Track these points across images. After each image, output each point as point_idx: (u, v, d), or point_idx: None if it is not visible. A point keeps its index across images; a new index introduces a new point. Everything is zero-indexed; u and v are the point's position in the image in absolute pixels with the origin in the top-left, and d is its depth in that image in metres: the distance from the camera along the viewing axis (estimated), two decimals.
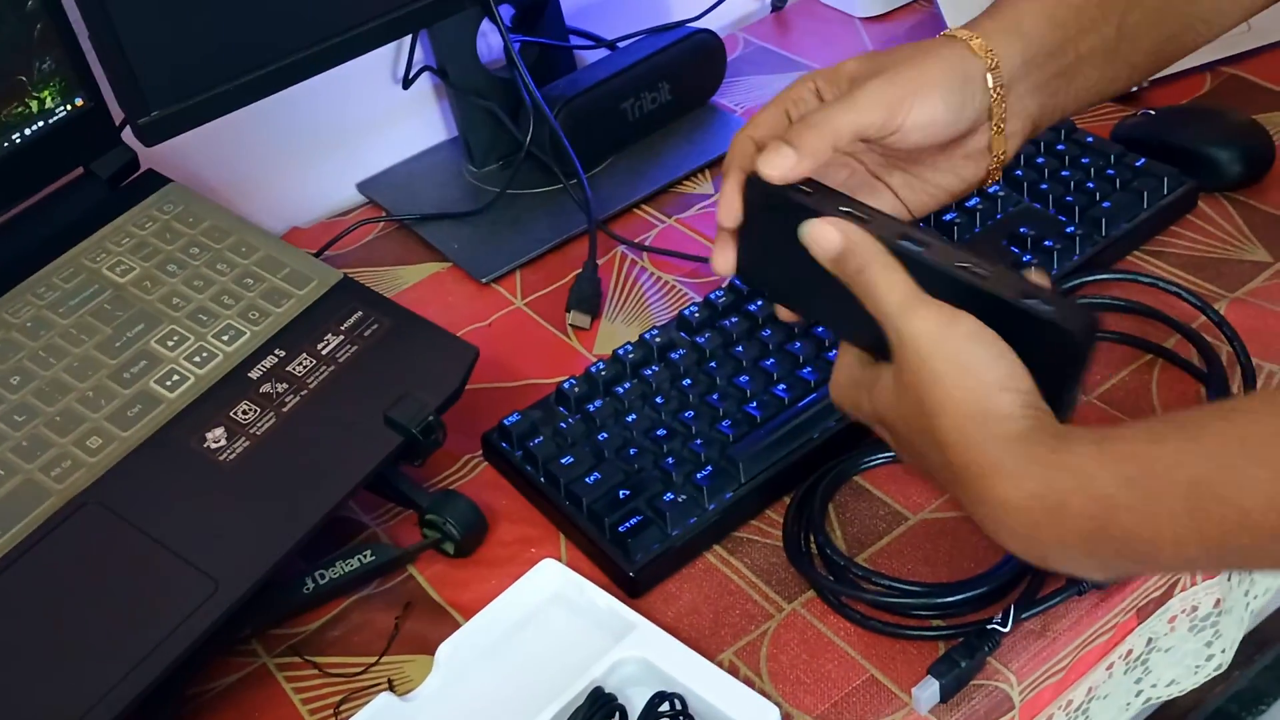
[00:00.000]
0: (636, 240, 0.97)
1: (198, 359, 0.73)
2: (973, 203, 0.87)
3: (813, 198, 0.61)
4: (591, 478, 0.73)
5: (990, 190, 0.88)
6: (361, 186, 1.07)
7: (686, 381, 0.78)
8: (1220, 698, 1.36)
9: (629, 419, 0.76)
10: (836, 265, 0.58)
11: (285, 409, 0.71)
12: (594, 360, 0.86)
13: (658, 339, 0.81)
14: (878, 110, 0.62)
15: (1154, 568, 0.64)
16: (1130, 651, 0.70)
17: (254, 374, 0.73)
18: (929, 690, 0.63)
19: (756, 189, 0.62)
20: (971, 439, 0.53)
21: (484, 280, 0.95)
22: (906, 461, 0.60)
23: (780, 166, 0.61)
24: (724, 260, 0.66)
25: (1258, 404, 0.52)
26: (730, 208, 0.64)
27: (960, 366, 0.54)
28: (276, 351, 0.74)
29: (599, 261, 0.94)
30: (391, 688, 0.69)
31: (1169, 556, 0.50)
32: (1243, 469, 0.48)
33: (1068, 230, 0.84)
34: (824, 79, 0.66)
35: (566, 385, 0.79)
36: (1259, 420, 0.49)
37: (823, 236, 0.59)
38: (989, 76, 0.64)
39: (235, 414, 0.71)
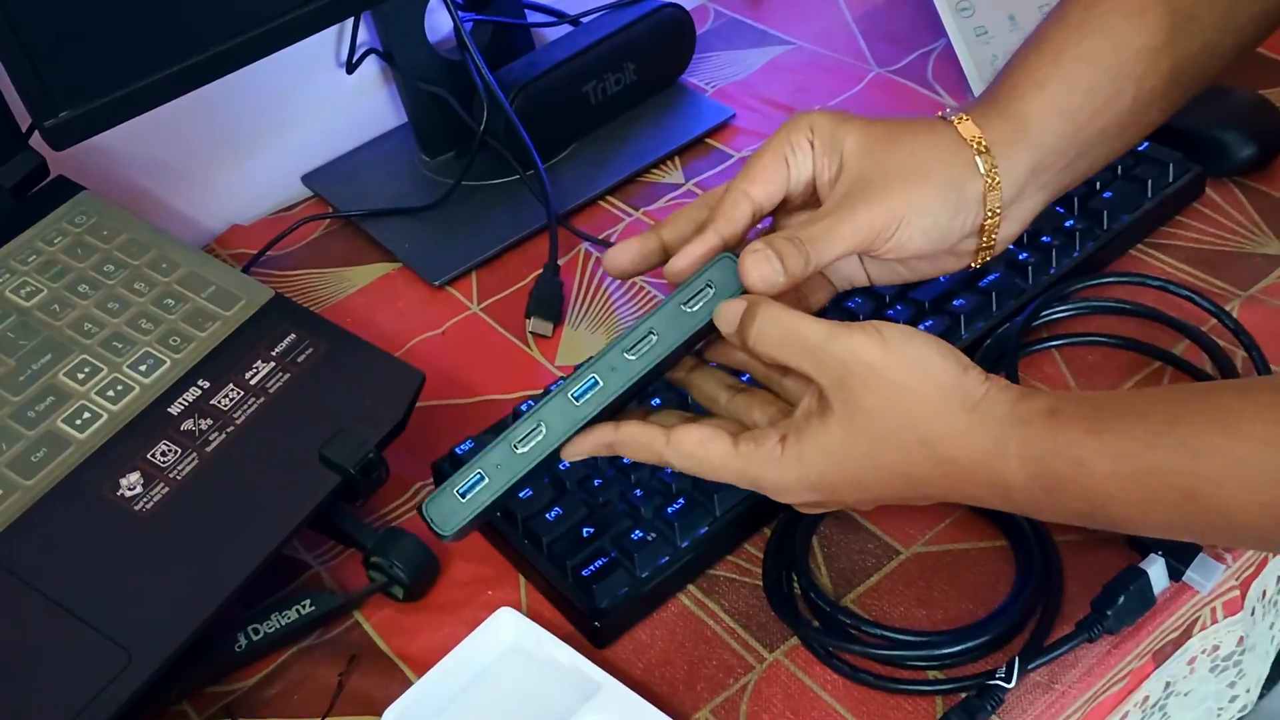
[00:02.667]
0: (601, 236, 0.90)
1: (111, 393, 0.66)
2: None
3: None
4: (552, 513, 0.67)
5: None
6: (307, 179, 0.99)
7: (655, 401, 0.71)
8: None
9: None
10: (742, 331, 0.56)
11: (209, 448, 0.64)
12: (556, 374, 0.80)
13: None
14: (866, 235, 0.58)
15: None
16: (1147, 698, 0.64)
17: (174, 409, 0.66)
18: None
19: None
20: (966, 427, 0.53)
21: (437, 283, 0.88)
22: (866, 506, 0.59)
23: (766, 280, 0.56)
24: (625, 255, 0.61)
25: (1254, 417, 0.49)
26: (690, 260, 0.58)
27: (918, 363, 0.54)
28: (200, 382, 0.67)
29: (560, 261, 0.87)
30: None
31: (1153, 531, 0.53)
32: (1237, 491, 0.49)
33: (1066, 225, 0.78)
34: (820, 137, 0.60)
35: (524, 407, 0.73)
36: (1255, 440, 0.49)
37: (729, 307, 0.57)
38: (988, 198, 0.59)
39: (153, 456, 0.64)
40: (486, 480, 0.57)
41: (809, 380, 0.56)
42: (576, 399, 0.57)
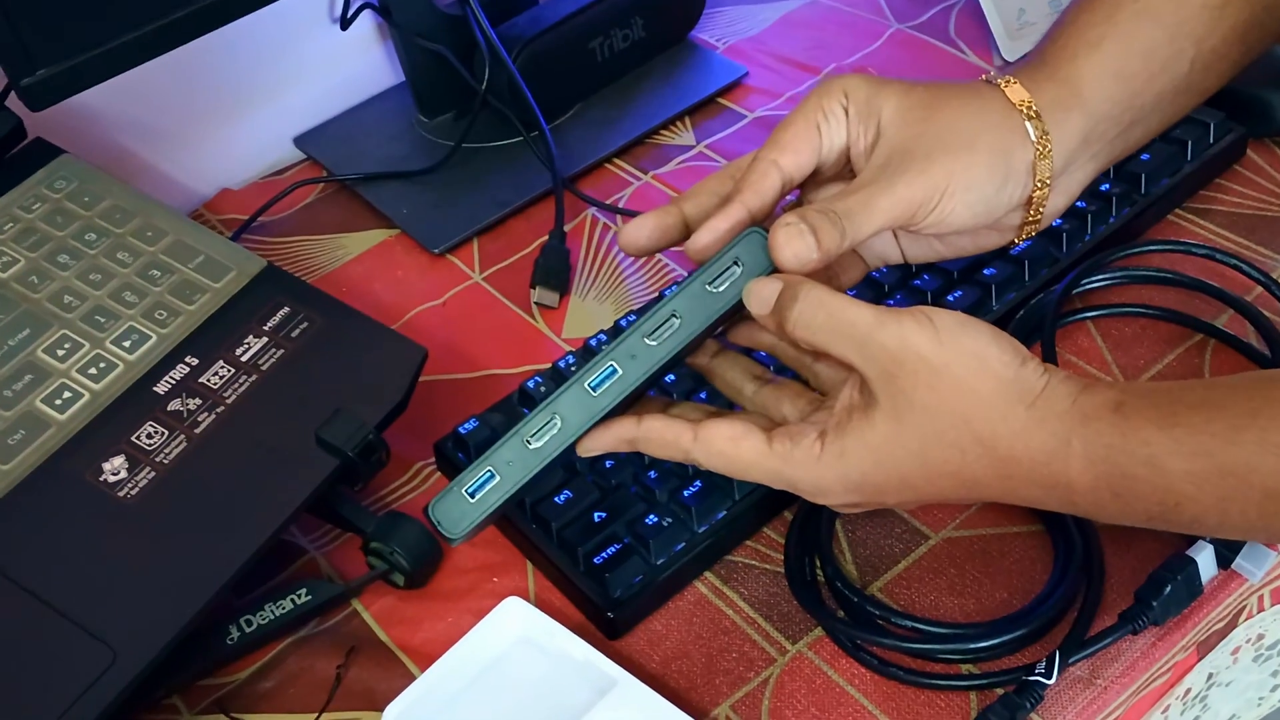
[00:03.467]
0: (609, 201, 0.86)
1: (93, 371, 0.62)
2: None
3: None
4: (561, 497, 0.63)
5: None
6: (299, 141, 0.95)
7: (670, 378, 0.67)
8: None
9: None
10: (779, 313, 0.52)
11: (198, 430, 0.61)
12: (564, 348, 0.76)
13: None
14: (906, 209, 0.53)
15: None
16: (1189, 691, 0.61)
17: (161, 388, 0.62)
18: None
19: None
20: (1025, 425, 0.49)
21: (437, 251, 0.84)
22: (909, 507, 0.55)
23: (799, 257, 0.52)
24: (642, 232, 0.57)
25: None
26: (715, 235, 0.54)
27: (973, 355, 0.50)
28: (188, 359, 0.63)
29: (566, 228, 0.83)
30: None
31: (1230, 533, 0.50)
32: None
33: (1102, 189, 0.74)
34: (856, 103, 0.56)
35: (531, 384, 0.69)
36: None
37: (765, 286, 0.52)
38: (1038, 168, 0.55)
39: (139, 438, 0.60)
40: (498, 479, 0.53)
41: (847, 368, 0.52)
42: (594, 389, 0.53)
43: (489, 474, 0.53)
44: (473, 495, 0.53)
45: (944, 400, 0.49)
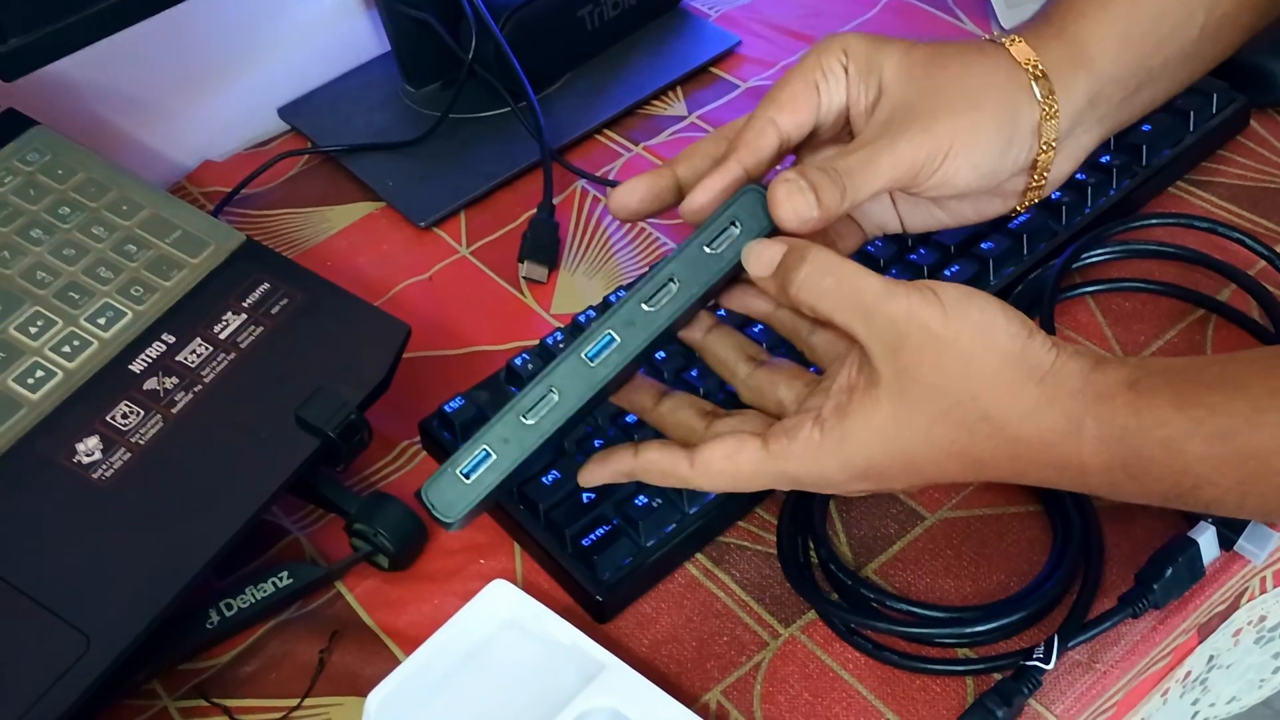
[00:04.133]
0: (599, 173, 0.84)
1: (67, 349, 0.61)
2: None
3: None
4: (549, 477, 0.62)
5: None
6: (283, 112, 0.93)
7: (660, 355, 0.65)
8: None
9: None
10: (782, 276, 0.50)
11: (175, 410, 0.59)
12: (552, 324, 0.75)
13: None
14: (909, 168, 0.52)
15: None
16: (1189, 674, 0.60)
17: (136, 367, 0.60)
18: None
19: None
20: (1035, 402, 0.47)
21: (423, 224, 0.82)
22: (915, 489, 0.53)
23: (799, 214, 0.50)
24: (633, 195, 0.55)
25: None
26: (710, 194, 0.52)
27: (980, 328, 0.48)
28: (164, 337, 0.61)
29: (555, 200, 0.82)
30: None
31: (1250, 514, 0.49)
32: None
33: (1102, 160, 0.72)
34: (856, 61, 0.54)
35: (519, 361, 0.67)
36: None
37: (768, 248, 0.50)
38: (1044, 129, 0.53)
39: (113, 418, 0.59)
40: (494, 457, 0.50)
41: (848, 339, 0.50)
42: (591, 359, 0.50)
43: (484, 453, 0.50)
44: (468, 476, 0.50)
45: (951, 376, 0.47)
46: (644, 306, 0.51)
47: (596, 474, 0.54)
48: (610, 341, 0.51)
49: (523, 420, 0.50)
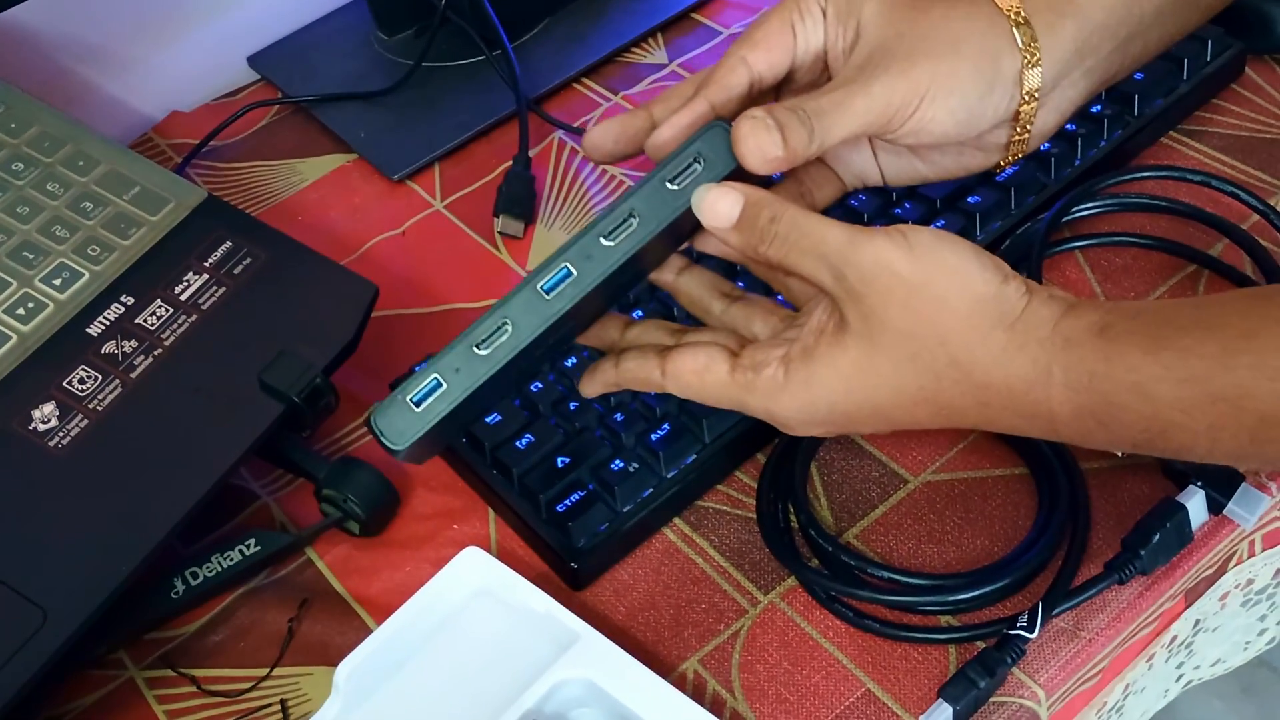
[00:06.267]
0: (576, 124, 0.81)
1: (21, 312, 0.58)
2: None
3: None
4: (523, 441, 0.60)
5: None
6: (253, 61, 0.91)
7: (637, 313, 0.64)
8: None
9: (568, 363, 0.63)
10: (744, 228, 0.49)
11: (134, 374, 0.57)
12: None
13: None
14: (883, 112, 0.50)
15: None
16: (1175, 638, 0.59)
17: (94, 329, 0.58)
18: (940, 717, 0.51)
19: None
20: (1003, 348, 0.46)
21: (396, 177, 0.80)
22: (883, 432, 0.52)
23: (762, 152, 0.48)
24: (608, 136, 0.53)
25: None
26: (675, 130, 0.51)
27: (951, 272, 0.47)
28: (123, 299, 0.59)
29: (532, 152, 0.79)
30: (285, 712, 0.56)
31: (1221, 459, 0.47)
32: None
33: (1092, 110, 0.70)
34: (835, 2, 0.52)
35: None
36: None
37: (724, 198, 0.48)
38: (1025, 77, 0.51)
39: (70, 383, 0.57)
40: (444, 387, 0.49)
41: (821, 290, 0.49)
42: (546, 291, 0.49)
43: (435, 381, 0.49)
44: (418, 404, 0.49)
45: (919, 321, 0.46)
46: (603, 240, 0.49)
47: (589, 386, 0.55)
48: (566, 275, 0.49)
49: (475, 350, 0.49)
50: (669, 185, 0.49)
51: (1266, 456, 0.45)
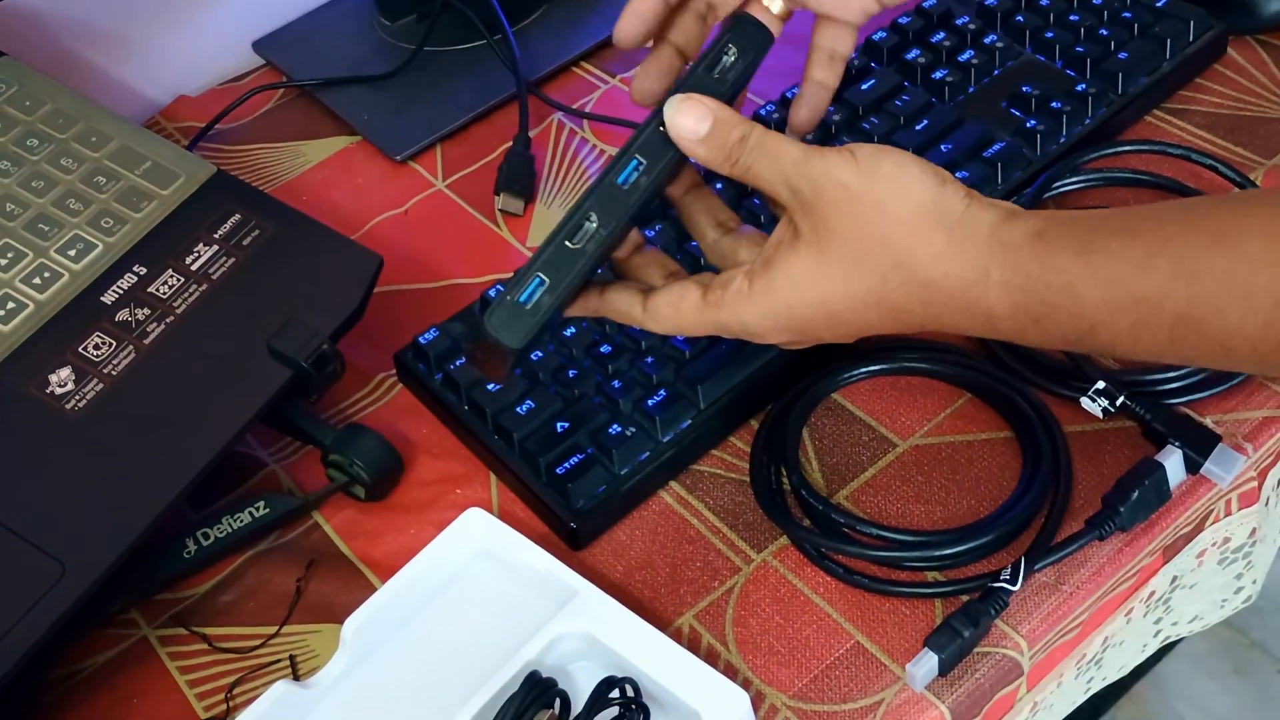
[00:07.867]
0: (575, 105, 0.83)
1: (38, 281, 0.60)
2: (965, 56, 0.74)
3: None
4: (523, 407, 0.62)
5: (986, 41, 0.75)
6: (258, 46, 0.92)
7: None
8: None
9: (566, 333, 0.65)
10: (710, 144, 0.52)
11: (147, 341, 0.59)
12: (528, 256, 0.74)
13: None
14: None
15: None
16: (1153, 594, 0.61)
17: (108, 298, 0.60)
18: (926, 666, 0.53)
19: None
20: (943, 249, 0.49)
21: (398, 158, 0.82)
22: (845, 340, 0.54)
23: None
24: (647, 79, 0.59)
25: (1256, 235, 0.45)
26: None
27: (891, 178, 0.50)
28: (135, 268, 0.61)
29: (531, 133, 0.81)
30: (294, 667, 0.58)
31: (1142, 356, 0.49)
32: (1236, 315, 0.45)
33: (1078, 88, 0.72)
34: None
35: (493, 293, 0.67)
36: (1258, 260, 0.45)
37: (693, 112, 0.52)
38: None
39: (85, 349, 0.59)
40: (547, 282, 0.52)
41: (780, 204, 0.52)
42: (622, 184, 0.53)
43: (538, 280, 0.52)
44: (525, 303, 0.52)
45: (863, 226, 0.50)
46: (661, 129, 0.53)
47: (571, 308, 0.57)
48: (637, 165, 0.53)
49: (568, 245, 0.52)
50: (713, 75, 0.53)
51: (1183, 355, 0.48)
